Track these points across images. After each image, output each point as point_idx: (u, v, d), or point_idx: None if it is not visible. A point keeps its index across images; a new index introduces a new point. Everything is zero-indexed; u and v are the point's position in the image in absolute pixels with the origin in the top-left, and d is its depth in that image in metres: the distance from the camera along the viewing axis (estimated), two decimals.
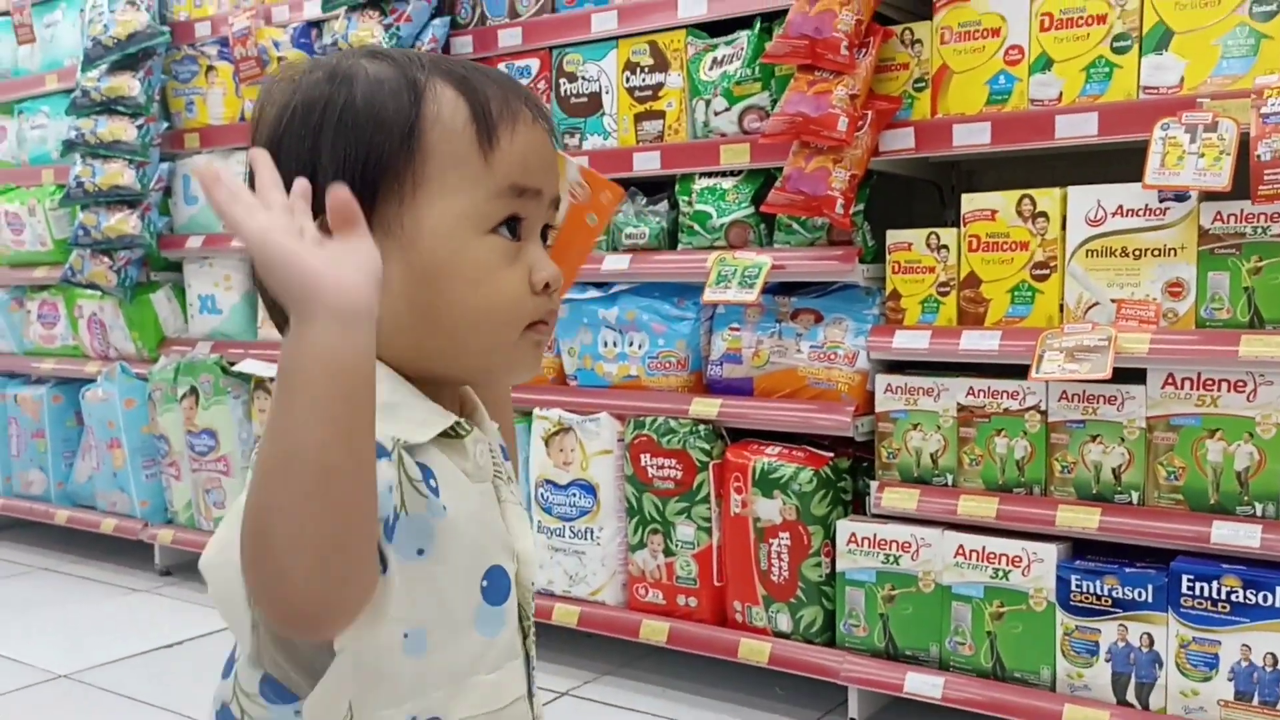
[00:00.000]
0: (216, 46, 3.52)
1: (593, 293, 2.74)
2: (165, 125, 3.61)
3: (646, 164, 2.65)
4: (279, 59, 3.21)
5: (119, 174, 3.51)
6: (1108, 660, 2.09)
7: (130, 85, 3.49)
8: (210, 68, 3.54)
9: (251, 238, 0.69)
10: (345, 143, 0.82)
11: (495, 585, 0.86)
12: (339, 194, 0.71)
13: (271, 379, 3.46)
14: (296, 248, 0.69)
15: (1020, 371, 2.15)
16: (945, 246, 2.28)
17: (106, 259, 3.60)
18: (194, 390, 3.47)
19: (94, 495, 3.85)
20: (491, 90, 0.86)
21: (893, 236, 2.35)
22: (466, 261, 0.84)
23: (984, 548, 2.19)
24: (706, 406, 2.52)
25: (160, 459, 3.64)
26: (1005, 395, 2.20)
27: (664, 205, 2.70)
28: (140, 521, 3.67)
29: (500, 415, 0.99)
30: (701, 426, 2.52)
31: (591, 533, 2.68)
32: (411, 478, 0.80)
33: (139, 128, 3.51)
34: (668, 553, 2.58)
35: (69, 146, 3.59)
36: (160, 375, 3.55)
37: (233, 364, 3.43)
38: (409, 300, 0.84)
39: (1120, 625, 2.07)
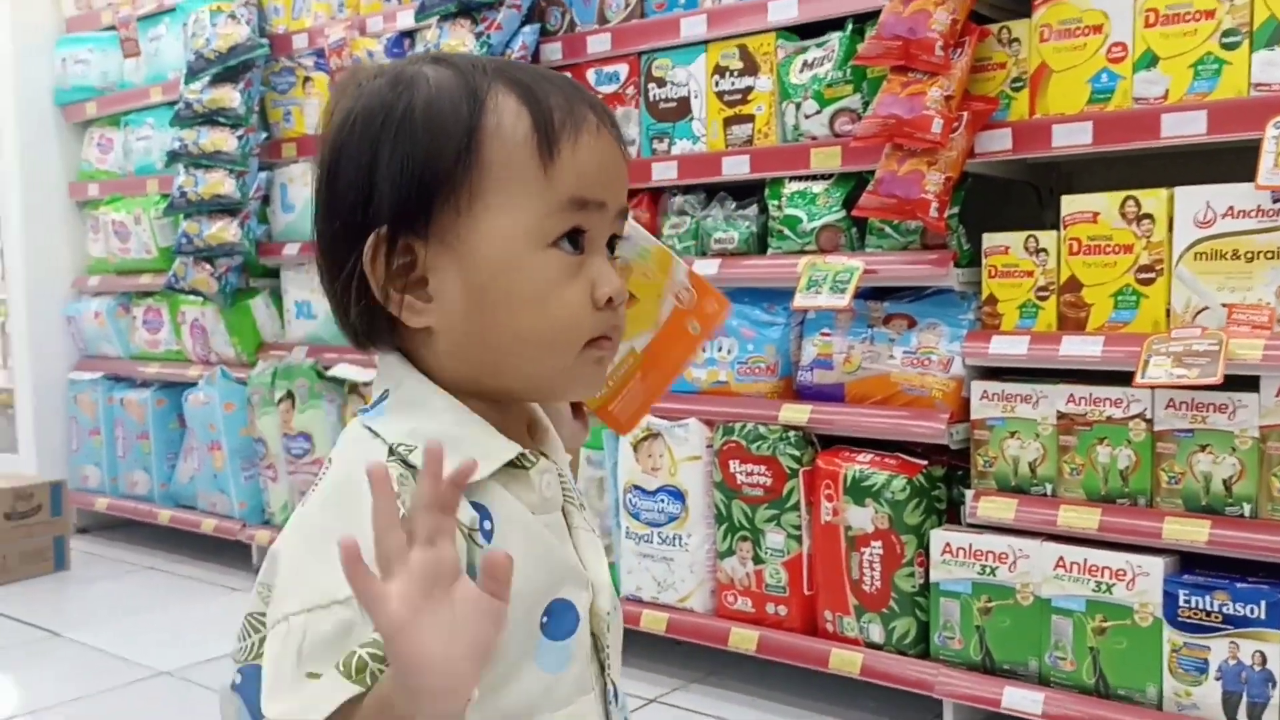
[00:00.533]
0: (313, 58, 3.60)
1: None
2: (264, 135, 3.70)
3: (736, 168, 2.63)
4: None
5: (220, 183, 3.61)
6: (1218, 679, 2.01)
7: (231, 97, 3.58)
8: (307, 79, 3.62)
9: (385, 632, 0.67)
10: (403, 153, 0.81)
11: (558, 619, 0.84)
12: (499, 559, 0.69)
13: (365, 383, 3.53)
14: (419, 641, 0.66)
15: (1124, 379, 2.08)
16: (1044, 250, 2.22)
17: (208, 266, 3.70)
18: (290, 394, 3.54)
19: (195, 496, 3.96)
20: (555, 99, 0.84)
21: (989, 240, 2.29)
22: (524, 278, 0.82)
23: (1086, 560, 2.13)
24: (796, 413, 2.49)
25: (258, 461, 3.73)
26: (1108, 403, 2.13)
27: (753, 209, 2.68)
28: (239, 522, 3.76)
29: (560, 426, 0.98)
30: (791, 433, 2.49)
31: (680, 539, 2.67)
32: (467, 528, 0.78)
33: (239, 138, 3.61)
34: (757, 560, 2.55)
35: (173, 157, 3.70)
36: (258, 379, 3.64)
37: (327, 368, 3.49)
38: (466, 316, 0.83)
39: (1231, 643, 1.99)
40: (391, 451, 0.81)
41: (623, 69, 2.84)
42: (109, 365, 4.30)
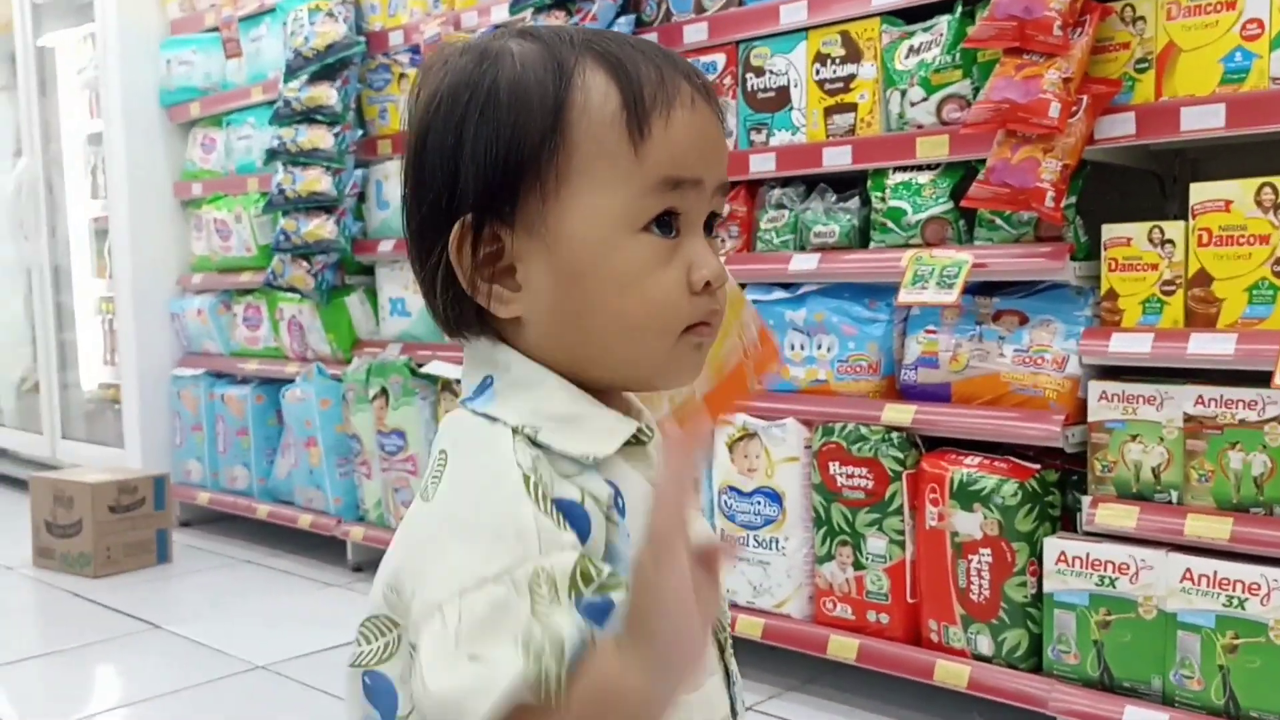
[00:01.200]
0: (409, 54, 3.60)
1: (779, 294, 2.64)
2: (360, 133, 3.71)
3: (837, 159, 2.54)
4: None
5: (317, 180, 3.63)
6: None
7: (328, 95, 3.60)
8: (402, 75, 3.62)
9: (669, 599, 0.67)
10: (488, 135, 0.78)
11: None
12: (727, 548, 0.71)
13: (458, 381, 3.50)
14: (696, 622, 0.67)
15: (1259, 379, 1.94)
16: (1170, 241, 2.08)
17: (305, 263, 3.73)
18: (384, 391, 3.55)
19: (293, 491, 3.99)
20: (646, 71, 0.79)
21: (1109, 231, 2.16)
22: (615, 265, 0.78)
23: (1215, 573, 1.99)
24: (900, 413, 2.39)
25: (353, 458, 3.74)
26: (1241, 404, 1.99)
27: (855, 202, 2.59)
28: (334, 518, 3.78)
29: None
30: (894, 434, 2.39)
31: (777, 543, 2.58)
32: (601, 503, 0.76)
33: (336, 135, 3.62)
34: (857, 566, 2.46)
35: (271, 155, 3.74)
36: (353, 376, 3.65)
37: (421, 365, 3.49)
38: (557, 306, 0.79)
39: None
40: (516, 433, 0.77)
41: (720, 59, 2.76)
42: (211, 362, 4.37)
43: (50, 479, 3.91)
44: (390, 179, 3.68)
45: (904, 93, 2.44)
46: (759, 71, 2.69)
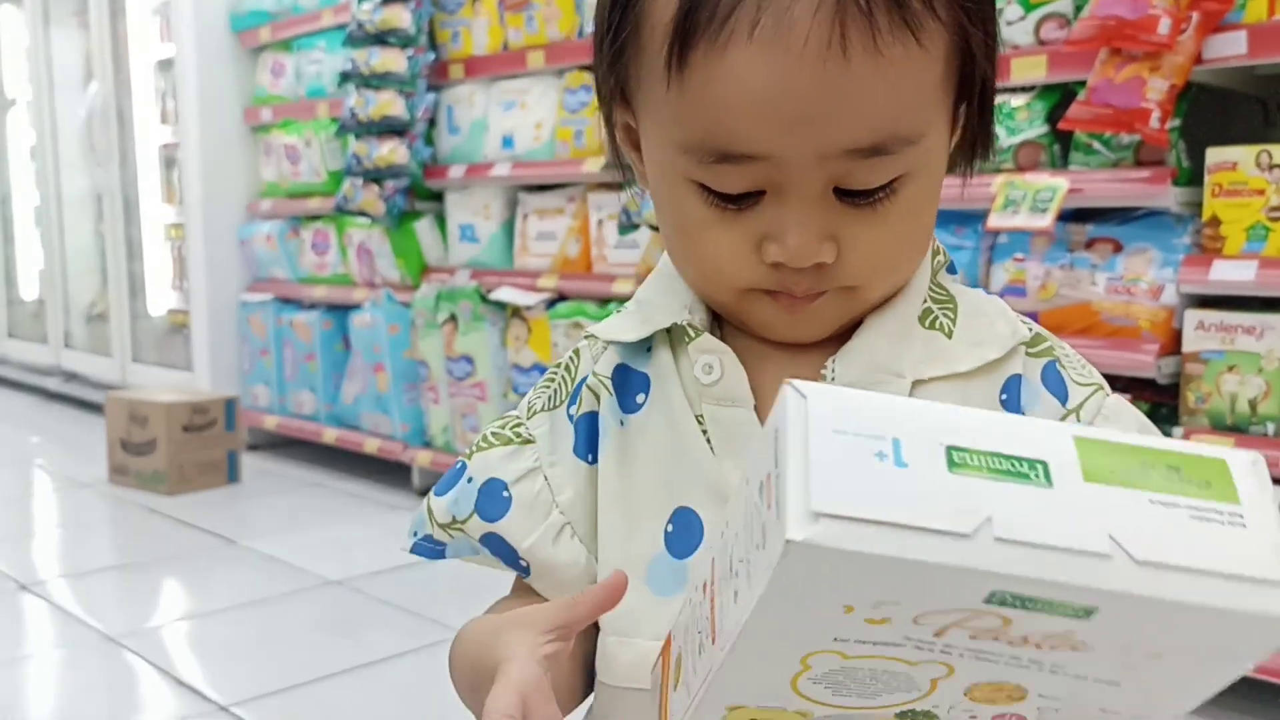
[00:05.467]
0: None
1: None
2: (432, 56, 3.68)
3: None
4: None
5: (390, 104, 3.62)
6: None
7: (401, 16, 3.57)
8: None
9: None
10: (599, 19, 0.67)
11: (681, 532, 0.68)
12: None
13: (527, 307, 3.50)
14: None
15: None
16: (1279, 166, 2.01)
17: (376, 187, 3.73)
18: (453, 317, 3.55)
19: (359, 416, 4.03)
20: None
21: (1214, 155, 2.09)
22: (671, 205, 0.65)
23: None
24: None
25: (420, 383, 3.76)
26: None
27: None
28: (400, 443, 3.81)
29: None
30: None
31: None
32: (600, 377, 0.72)
33: (409, 59, 3.60)
34: None
35: (345, 77, 3.72)
36: (422, 302, 3.66)
37: (490, 292, 3.48)
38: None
39: None
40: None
41: None
42: (279, 287, 4.40)
43: (126, 398, 3.98)
44: (461, 104, 3.65)
45: (1000, 10, 2.37)
46: None
